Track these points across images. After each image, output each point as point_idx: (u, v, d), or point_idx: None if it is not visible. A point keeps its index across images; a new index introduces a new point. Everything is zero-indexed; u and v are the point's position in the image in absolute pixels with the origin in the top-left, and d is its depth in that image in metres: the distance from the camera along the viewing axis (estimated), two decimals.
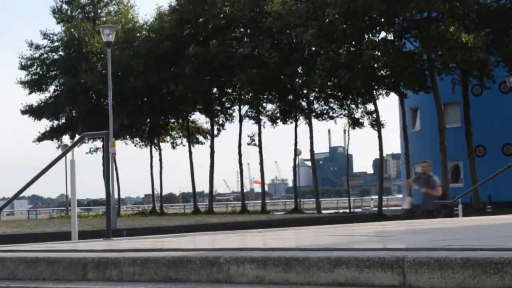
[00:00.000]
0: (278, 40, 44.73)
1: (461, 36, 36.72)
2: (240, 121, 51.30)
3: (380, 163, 48.88)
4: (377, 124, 45.40)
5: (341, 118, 49.43)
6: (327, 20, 39.99)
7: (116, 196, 44.95)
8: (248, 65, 45.26)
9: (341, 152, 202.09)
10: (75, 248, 6.40)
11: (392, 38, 42.53)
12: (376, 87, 43.83)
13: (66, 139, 55.61)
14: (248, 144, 50.63)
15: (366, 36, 42.05)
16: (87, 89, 51.54)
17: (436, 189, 15.93)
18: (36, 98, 73.45)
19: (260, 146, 50.03)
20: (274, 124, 50.66)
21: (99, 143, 54.77)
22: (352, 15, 39.16)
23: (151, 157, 55.46)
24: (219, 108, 52.47)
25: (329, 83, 43.26)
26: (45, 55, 54.66)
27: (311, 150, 49.24)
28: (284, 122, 50.34)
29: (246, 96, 50.88)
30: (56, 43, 54.71)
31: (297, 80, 46.40)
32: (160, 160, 55.22)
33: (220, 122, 52.92)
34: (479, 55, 36.51)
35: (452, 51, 37.24)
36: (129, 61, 48.71)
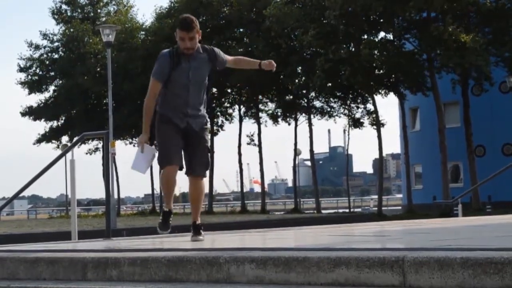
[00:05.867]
0: (277, 43, 44.69)
1: (460, 36, 36.67)
2: (240, 121, 51.27)
3: (380, 163, 48.84)
4: (377, 124, 45.37)
5: (341, 117, 49.49)
6: (326, 21, 39.94)
7: (116, 196, 44.91)
8: None
9: (341, 152, 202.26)
10: (75, 248, 6.40)
11: (392, 38, 42.50)
12: (375, 87, 43.75)
13: (65, 140, 55.59)
14: (248, 144, 50.59)
15: (365, 36, 42.00)
16: (84, 91, 51.49)
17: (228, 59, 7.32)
18: (35, 99, 73.57)
19: (260, 146, 50.00)
20: (276, 123, 50.57)
21: (98, 143, 54.72)
22: (352, 16, 39.11)
23: None
24: (218, 108, 52.41)
25: (328, 85, 43.17)
26: (45, 56, 54.60)
27: (311, 150, 49.23)
28: (286, 120, 50.26)
29: (246, 96, 50.82)
30: (56, 43, 54.67)
31: (296, 81, 46.33)
32: None
33: (220, 123, 52.80)
34: (472, 61, 36.39)
35: (448, 53, 37.21)
36: (127, 61, 48.60)
